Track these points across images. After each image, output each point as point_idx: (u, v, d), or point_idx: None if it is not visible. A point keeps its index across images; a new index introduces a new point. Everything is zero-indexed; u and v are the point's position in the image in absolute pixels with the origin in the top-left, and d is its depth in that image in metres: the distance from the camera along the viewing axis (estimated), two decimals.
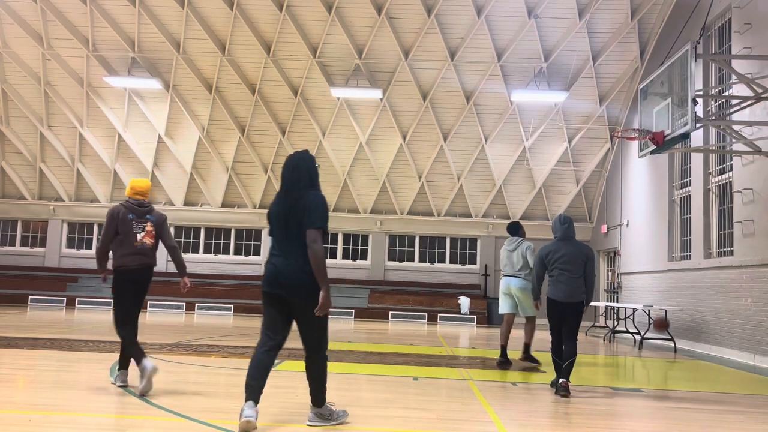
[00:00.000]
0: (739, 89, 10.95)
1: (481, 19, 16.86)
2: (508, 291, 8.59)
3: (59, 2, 17.86)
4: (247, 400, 4.24)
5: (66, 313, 16.53)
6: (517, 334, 10.58)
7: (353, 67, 18.22)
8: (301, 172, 4.54)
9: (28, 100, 20.18)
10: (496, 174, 19.94)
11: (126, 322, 5.69)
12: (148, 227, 5.91)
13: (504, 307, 8.68)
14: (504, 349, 8.41)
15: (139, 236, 5.82)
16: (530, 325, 8.65)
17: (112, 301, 5.77)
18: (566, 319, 6.50)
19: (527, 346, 8.73)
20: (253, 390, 4.30)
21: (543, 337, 11.61)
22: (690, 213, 13.44)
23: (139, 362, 5.49)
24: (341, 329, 14.46)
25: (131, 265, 5.73)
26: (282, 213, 4.47)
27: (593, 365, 9.31)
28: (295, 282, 4.36)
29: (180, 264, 6.16)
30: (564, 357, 6.40)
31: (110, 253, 5.78)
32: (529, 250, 8.45)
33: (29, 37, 18.51)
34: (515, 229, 8.75)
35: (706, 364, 10.16)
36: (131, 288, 5.75)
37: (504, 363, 8.30)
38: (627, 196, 17.51)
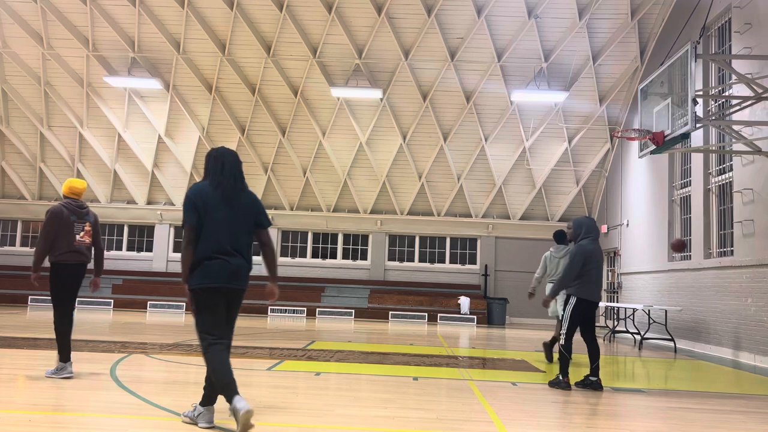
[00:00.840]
0: (739, 89, 10.95)
1: (481, 19, 16.86)
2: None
3: (59, 2, 17.86)
4: (235, 394, 4.22)
5: None
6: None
7: (353, 67, 18.22)
8: (240, 167, 4.60)
9: (28, 100, 20.18)
10: (496, 174, 19.94)
11: (65, 313, 6.14)
12: (87, 227, 6.28)
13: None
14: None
15: (78, 236, 6.20)
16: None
17: (50, 296, 6.16)
18: (589, 318, 6.64)
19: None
20: (235, 385, 4.34)
21: (540, 337, 11.63)
22: (690, 213, 13.44)
23: (66, 360, 6.03)
24: (341, 329, 14.46)
25: (70, 261, 6.16)
26: (226, 206, 4.43)
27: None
28: (247, 277, 4.56)
29: (100, 265, 6.51)
30: (595, 355, 6.71)
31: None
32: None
33: (29, 37, 18.51)
34: (562, 237, 9.01)
35: (706, 364, 10.16)
36: (70, 282, 6.17)
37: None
38: (627, 196, 17.51)
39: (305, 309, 19.31)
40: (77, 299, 6.31)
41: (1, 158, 21.37)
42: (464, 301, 19.37)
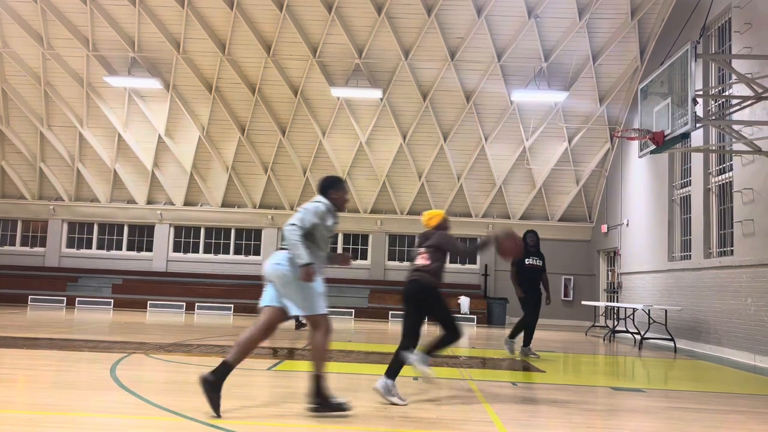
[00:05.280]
0: (739, 89, 10.95)
1: (481, 19, 16.86)
2: None
3: (59, 2, 17.86)
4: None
5: (66, 312, 16.53)
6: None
7: (353, 67, 18.22)
8: None
9: (28, 100, 20.18)
10: (496, 174, 19.94)
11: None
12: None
13: None
14: None
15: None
16: None
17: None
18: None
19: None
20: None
21: (540, 337, 11.63)
22: (690, 213, 13.44)
23: None
24: (341, 329, 14.46)
25: None
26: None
27: (593, 365, 9.31)
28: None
29: None
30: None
31: None
32: None
33: (29, 37, 18.51)
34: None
35: (706, 364, 10.16)
36: None
37: None
38: (627, 196, 17.50)
39: None
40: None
41: (1, 158, 21.38)
42: (464, 301, 19.37)
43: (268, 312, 4.99)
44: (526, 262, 9.80)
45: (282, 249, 5.34)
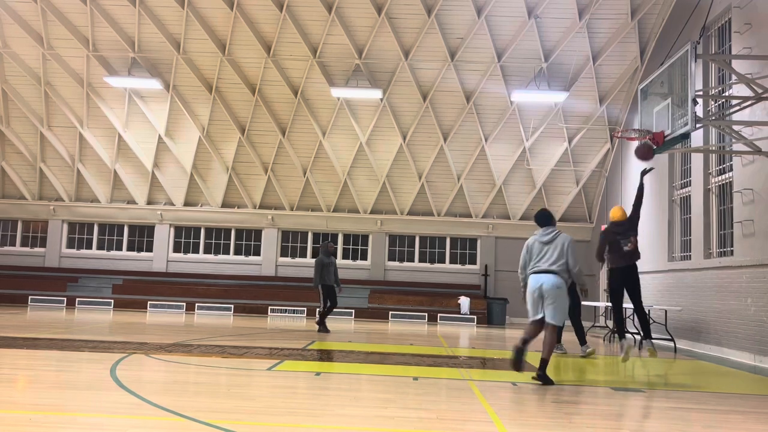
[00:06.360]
0: (739, 89, 10.95)
1: (481, 19, 16.86)
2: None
3: (59, 2, 17.86)
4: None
5: (66, 313, 16.53)
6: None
7: (353, 67, 18.22)
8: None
9: (28, 100, 20.19)
10: (496, 174, 19.95)
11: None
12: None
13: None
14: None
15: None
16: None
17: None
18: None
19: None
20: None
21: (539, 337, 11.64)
22: (690, 213, 13.44)
23: None
24: (341, 329, 14.47)
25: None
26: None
27: (593, 365, 9.31)
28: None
29: None
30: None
31: None
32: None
33: (29, 37, 18.51)
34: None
35: (706, 364, 10.16)
36: None
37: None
38: (627, 196, 17.49)
39: (305, 309, 19.31)
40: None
41: (1, 158, 21.38)
42: (464, 301, 19.37)
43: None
44: None
45: (549, 272, 7.01)
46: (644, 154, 9.38)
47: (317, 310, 13.64)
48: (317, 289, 13.46)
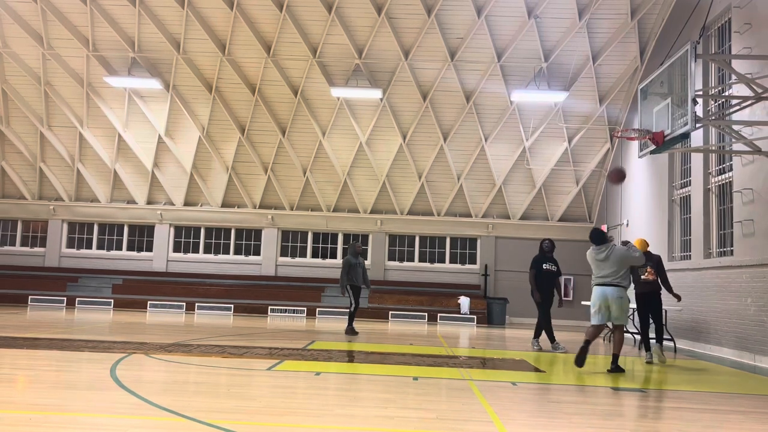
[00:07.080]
0: (739, 89, 10.95)
1: (481, 19, 16.86)
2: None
3: (59, 2, 17.86)
4: None
5: (66, 313, 16.53)
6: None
7: (353, 67, 18.22)
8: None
9: (28, 100, 20.19)
10: (496, 174, 19.95)
11: None
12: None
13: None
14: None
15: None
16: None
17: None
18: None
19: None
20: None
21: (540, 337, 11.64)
22: (690, 213, 13.44)
23: None
24: (341, 329, 14.48)
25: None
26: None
27: (593, 365, 9.31)
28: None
29: None
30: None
31: None
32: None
33: (29, 37, 18.51)
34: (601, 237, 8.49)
35: (706, 364, 10.16)
36: None
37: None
38: (627, 196, 17.51)
39: (305, 309, 19.31)
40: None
41: (1, 158, 21.38)
42: (464, 301, 19.37)
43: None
44: (544, 267, 10.96)
45: (610, 285, 8.12)
46: (615, 179, 9.87)
47: (349, 311, 13.38)
48: (344, 290, 13.02)
